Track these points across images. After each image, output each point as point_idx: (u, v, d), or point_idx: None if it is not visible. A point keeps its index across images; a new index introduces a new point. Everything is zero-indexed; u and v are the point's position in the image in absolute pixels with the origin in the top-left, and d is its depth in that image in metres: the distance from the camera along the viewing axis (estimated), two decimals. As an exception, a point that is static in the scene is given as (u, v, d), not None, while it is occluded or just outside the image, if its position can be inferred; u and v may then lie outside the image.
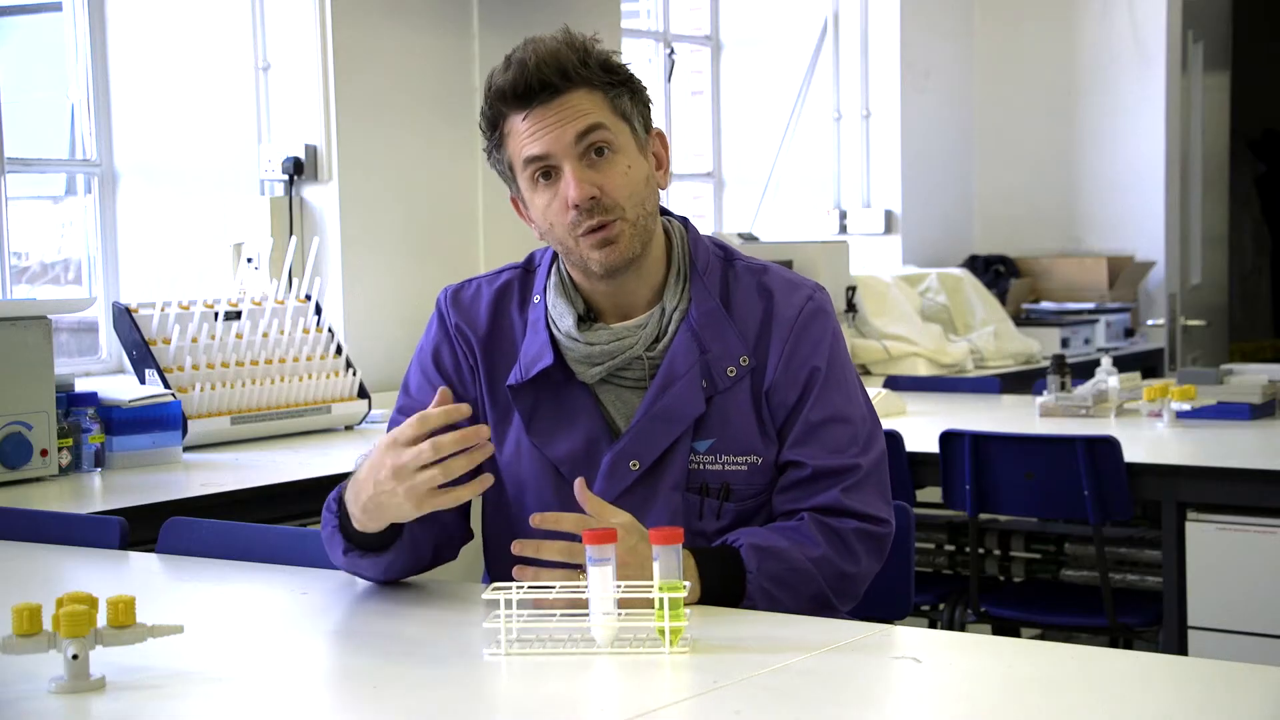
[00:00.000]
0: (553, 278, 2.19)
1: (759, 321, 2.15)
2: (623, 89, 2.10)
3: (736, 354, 2.13)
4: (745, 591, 2.01)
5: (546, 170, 2.07)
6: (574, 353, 2.14)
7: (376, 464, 1.94)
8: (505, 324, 2.20)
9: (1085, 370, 4.80)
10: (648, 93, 2.16)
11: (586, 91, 2.06)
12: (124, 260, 4.57)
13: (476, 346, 2.20)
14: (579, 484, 1.98)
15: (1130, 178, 6.95)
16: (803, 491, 2.11)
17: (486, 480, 1.92)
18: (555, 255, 2.20)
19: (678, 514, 2.12)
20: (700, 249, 2.19)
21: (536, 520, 1.96)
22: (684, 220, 2.22)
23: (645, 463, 2.12)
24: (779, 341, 2.14)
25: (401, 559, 2.09)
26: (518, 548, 1.93)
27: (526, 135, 2.06)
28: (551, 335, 2.15)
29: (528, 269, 2.24)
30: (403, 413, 2.21)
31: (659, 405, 2.11)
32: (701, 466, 2.13)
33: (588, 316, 2.16)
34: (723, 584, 2.01)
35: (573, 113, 2.05)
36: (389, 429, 2.21)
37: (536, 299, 2.19)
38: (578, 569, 1.89)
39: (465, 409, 1.93)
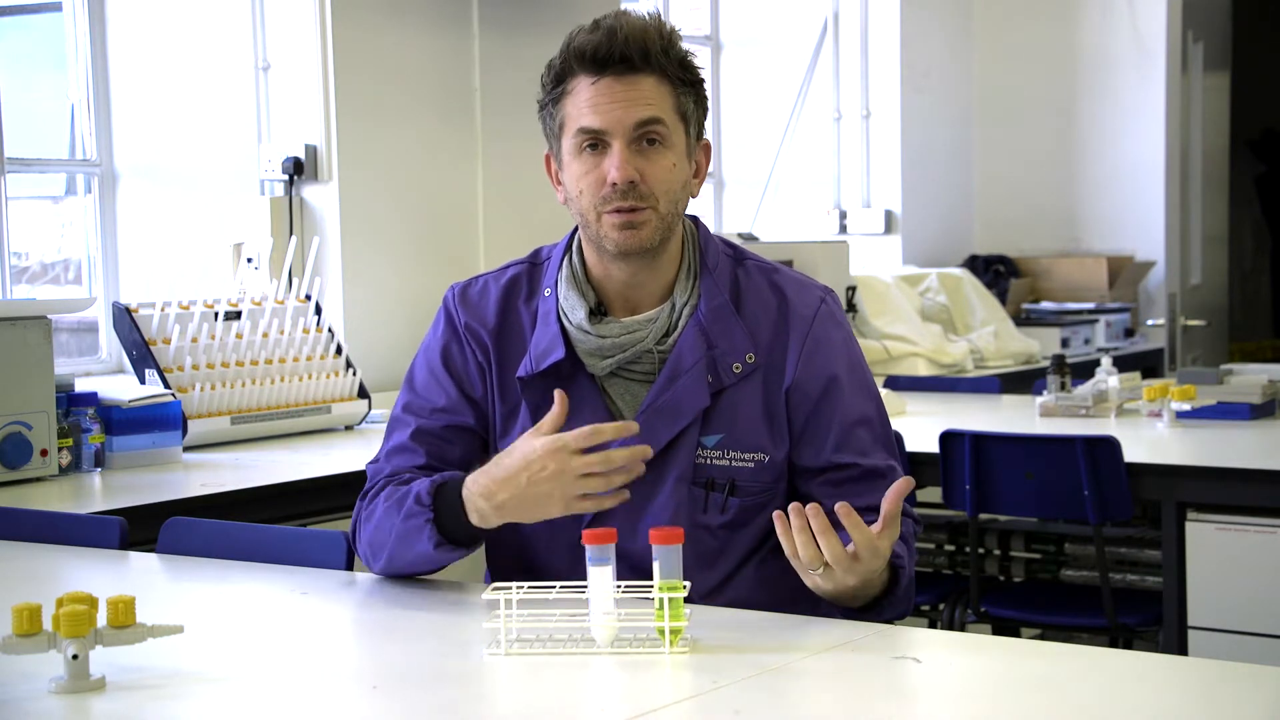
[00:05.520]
0: (564, 270, 2.20)
1: (773, 321, 2.17)
2: (690, 90, 2.14)
3: (743, 351, 2.15)
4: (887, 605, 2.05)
5: (594, 142, 2.09)
6: (585, 345, 2.15)
7: (535, 463, 1.96)
8: (514, 318, 2.22)
9: (1085, 370, 4.80)
10: (708, 102, 2.19)
11: (657, 81, 2.09)
12: (124, 260, 4.56)
13: (489, 342, 2.21)
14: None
15: (1130, 178, 6.95)
16: (856, 488, 2.12)
17: (625, 495, 1.98)
18: (567, 247, 2.21)
19: (682, 506, 2.14)
20: (710, 247, 2.21)
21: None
22: (695, 219, 2.25)
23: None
24: (797, 341, 2.16)
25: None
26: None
27: (588, 104, 2.08)
28: (562, 327, 2.16)
29: (534, 263, 2.26)
30: (408, 410, 2.23)
31: (664, 398, 2.13)
32: (709, 461, 2.14)
33: (598, 310, 2.17)
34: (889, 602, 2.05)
35: (640, 98, 2.07)
36: (392, 426, 2.23)
37: (547, 292, 2.20)
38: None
39: (635, 430, 1.99)
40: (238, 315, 3.99)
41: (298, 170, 4.51)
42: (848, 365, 2.17)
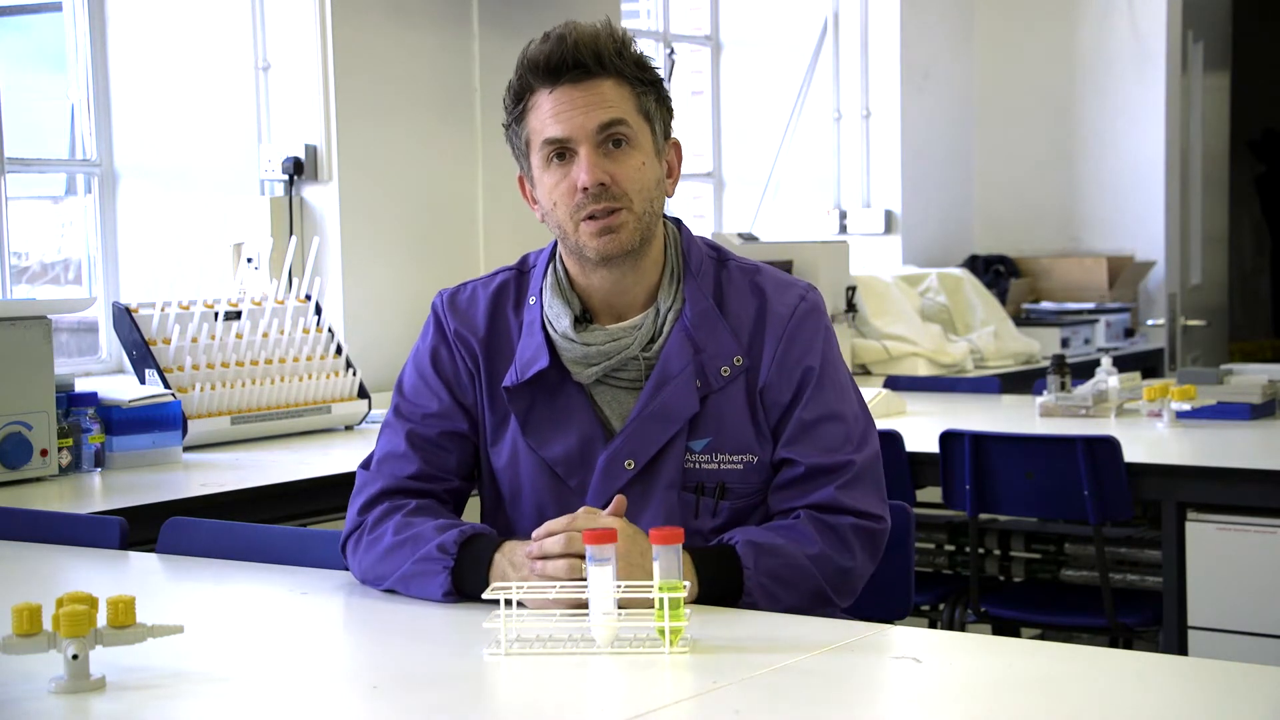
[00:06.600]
0: (549, 278, 2.19)
1: (752, 321, 2.16)
2: (650, 89, 2.13)
3: (730, 354, 2.14)
4: (743, 588, 2.01)
5: (561, 151, 2.08)
6: (570, 353, 2.14)
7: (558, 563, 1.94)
8: (503, 325, 2.21)
9: (1085, 370, 4.80)
10: (672, 101, 2.17)
11: (615, 83, 2.08)
12: (124, 260, 4.57)
13: (479, 350, 2.20)
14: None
15: (1130, 178, 6.95)
16: (798, 489, 2.12)
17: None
18: (551, 255, 2.21)
19: (674, 513, 2.13)
20: (694, 250, 2.19)
21: (536, 536, 1.96)
22: (677, 221, 2.23)
23: (640, 462, 2.12)
24: (772, 341, 2.15)
25: None
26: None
27: (549, 115, 2.07)
28: (547, 336, 2.15)
29: (521, 270, 2.25)
30: (399, 414, 2.22)
31: (653, 405, 2.12)
32: (697, 465, 2.13)
33: (584, 318, 2.17)
34: (720, 582, 2.01)
35: (599, 100, 2.06)
36: (383, 432, 2.22)
37: (532, 300, 2.19)
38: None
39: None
40: (238, 315, 3.99)
41: (298, 170, 4.51)
42: (819, 362, 2.15)
